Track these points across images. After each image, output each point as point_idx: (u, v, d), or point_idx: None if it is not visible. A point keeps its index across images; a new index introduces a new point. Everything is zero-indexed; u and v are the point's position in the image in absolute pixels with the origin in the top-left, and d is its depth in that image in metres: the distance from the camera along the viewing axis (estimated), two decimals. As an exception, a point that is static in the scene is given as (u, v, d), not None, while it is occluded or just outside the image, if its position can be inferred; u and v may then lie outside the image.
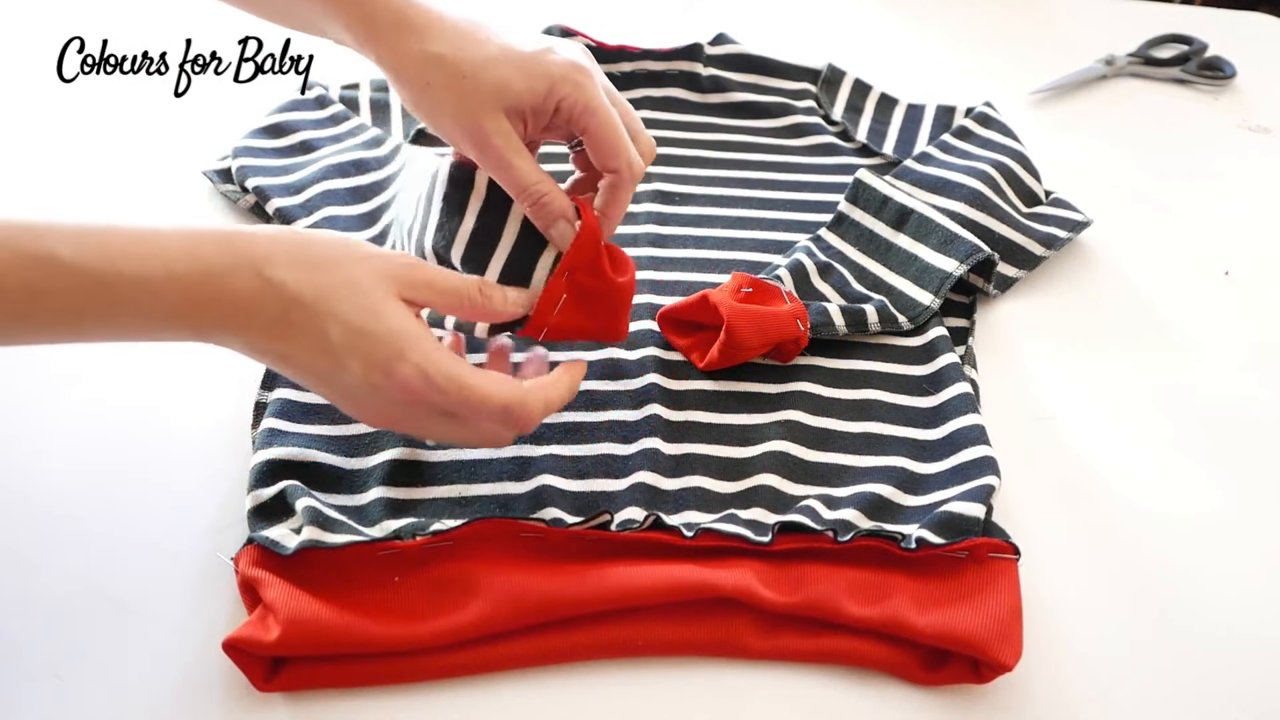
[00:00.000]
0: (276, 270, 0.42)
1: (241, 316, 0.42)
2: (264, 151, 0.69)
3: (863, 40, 0.95)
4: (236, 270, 0.41)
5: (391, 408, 0.45)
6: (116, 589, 0.47)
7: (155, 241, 0.41)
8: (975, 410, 0.55)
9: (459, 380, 0.44)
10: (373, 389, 0.44)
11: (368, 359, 0.43)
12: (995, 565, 0.47)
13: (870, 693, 0.46)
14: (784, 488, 0.52)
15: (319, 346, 0.43)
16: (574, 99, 0.49)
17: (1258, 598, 0.51)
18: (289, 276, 0.42)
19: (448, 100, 0.48)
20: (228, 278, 0.41)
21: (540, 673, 0.45)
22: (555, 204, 0.49)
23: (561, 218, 0.50)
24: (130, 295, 0.40)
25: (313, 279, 0.42)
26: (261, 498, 0.48)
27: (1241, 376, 0.63)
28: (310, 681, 0.44)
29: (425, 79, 0.48)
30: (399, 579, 0.46)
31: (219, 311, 0.42)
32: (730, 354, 0.56)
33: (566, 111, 0.49)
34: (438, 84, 0.48)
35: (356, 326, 0.43)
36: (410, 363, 0.43)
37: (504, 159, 0.48)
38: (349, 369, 0.43)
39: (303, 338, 0.43)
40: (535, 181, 0.49)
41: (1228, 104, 0.90)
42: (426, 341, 0.44)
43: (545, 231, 0.50)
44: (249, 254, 0.42)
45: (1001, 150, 0.72)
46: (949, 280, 0.61)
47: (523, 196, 0.49)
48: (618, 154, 0.50)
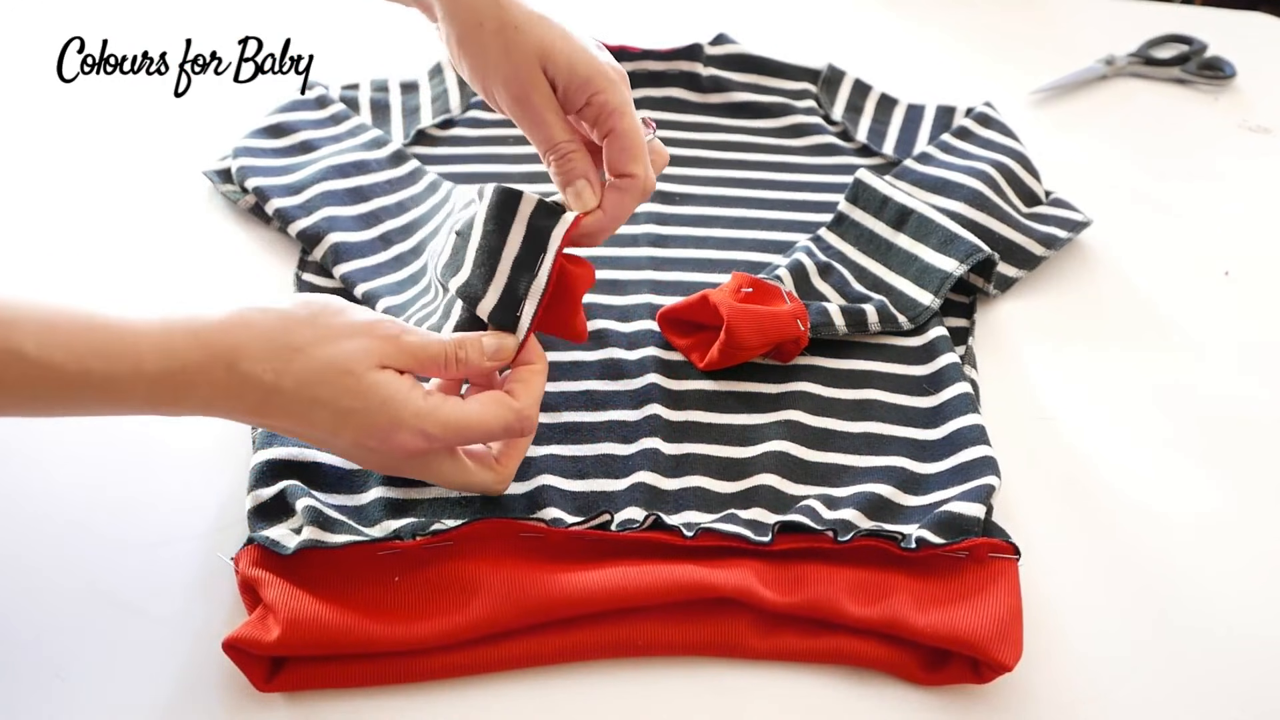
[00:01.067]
0: (252, 365, 0.41)
1: (218, 406, 0.42)
2: (264, 151, 0.69)
3: (863, 40, 0.95)
4: (209, 367, 0.41)
5: (394, 463, 0.46)
6: (116, 589, 0.47)
7: (126, 339, 0.40)
8: (975, 410, 0.55)
9: (456, 424, 0.44)
10: (370, 451, 0.45)
11: (360, 431, 0.43)
12: (995, 565, 0.47)
13: (870, 693, 0.46)
14: (784, 488, 0.52)
15: (306, 426, 0.43)
16: (608, 97, 0.50)
17: (1258, 597, 0.51)
18: (264, 369, 0.41)
19: (496, 45, 0.49)
20: (200, 375, 0.41)
21: (540, 673, 0.45)
22: (580, 163, 0.50)
23: (583, 177, 0.51)
24: (98, 393, 0.39)
25: (290, 369, 0.42)
26: (261, 498, 0.48)
27: (1241, 376, 0.63)
28: (310, 682, 0.44)
29: (479, 18, 0.49)
30: (399, 579, 0.46)
31: (194, 403, 0.42)
32: (730, 354, 0.56)
33: (598, 107, 0.50)
34: (490, 26, 0.48)
35: (344, 409, 0.43)
36: (406, 428, 0.43)
37: (541, 114, 0.50)
38: (343, 439, 0.44)
39: (288, 419, 0.43)
40: (566, 139, 0.50)
41: (1228, 104, 0.90)
42: (417, 401, 0.44)
43: (564, 188, 0.51)
44: (222, 348, 0.41)
45: (1001, 150, 0.72)
46: (949, 280, 0.61)
47: (552, 151, 0.50)
48: (638, 159, 0.51)
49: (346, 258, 0.62)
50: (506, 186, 0.50)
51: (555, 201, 0.51)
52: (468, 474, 0.47)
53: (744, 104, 0.80)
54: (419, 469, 0.47)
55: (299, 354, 0.42)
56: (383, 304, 0.59)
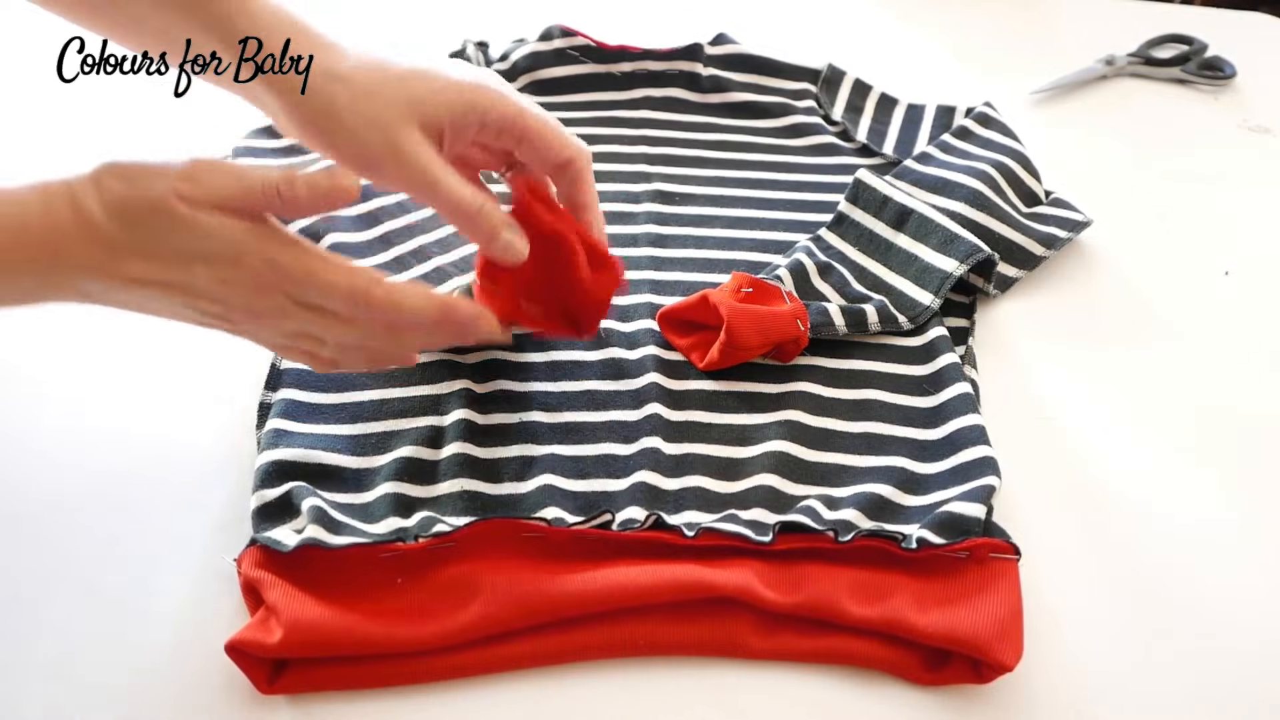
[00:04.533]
0: (90, 201, 0.41)
1: (76, 251, 0.41)
2: (264, 151, 0.69)
3: (863, 40, 0.95)
4: (53, 206, 0.40)
5: (253, 300, 0.43)
6: (118, 589, 0.47)
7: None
8: (975, 410, 0.55)
9: (305, 263, 0.43)
10: (227, 285, 0.42)
11: (211, 261, 0.42)
12: (996, 565, 0.47)
13: (870, 693, 0.46)
14: (784, 488, 0.52)
15: (161, 264, 0.42)
16: (501, 108, 0.47)
17: (1258, 596, 0.51)
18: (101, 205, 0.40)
19: (353, 121, 0.44)
20: (48, 217, 0.40)
21: (541, 673, 0.45)
22: (497, 214, 0.47)
23: (505, 226, 0.48)
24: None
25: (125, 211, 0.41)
26: (266, 498, 0.48)
27: (1241, 376, 0.63)
28: (313, 684, 0.44)
29: (326, 100, 0.44)
30: (401, 580, 0.46)
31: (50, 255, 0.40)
32: (730, 354, 0.56)
33: (496, 122, 0.47)
34: (342, 103, 0.44)
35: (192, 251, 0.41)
36: (256, 255, 0.42)
37: (429, 175, 0.45)
38: (198, 275, 0.42)
39: (143, 262, 0.41)
40: (470, 195, 0.46)
41: (1228, 104, 0.90)
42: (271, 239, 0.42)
43: (490, 245, 0.47)
44: (63, 187, 0.41)
45: (1001, 150, 0.72)
46: (949, 280, 0.61)
47: (458, 213, 0.46)
48: (565, 143, 0.50)
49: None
50: None
51: None
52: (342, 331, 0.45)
53: (744, 104, 0.80)
54: (291, 317, 0.44)
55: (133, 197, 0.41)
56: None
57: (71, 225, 0.41)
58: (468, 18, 0.92)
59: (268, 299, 0.44)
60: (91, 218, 0.41)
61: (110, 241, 0.41)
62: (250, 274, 0.42)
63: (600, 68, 0.81)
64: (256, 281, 0.43)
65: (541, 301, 0.51)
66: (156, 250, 0.42)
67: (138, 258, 0.42)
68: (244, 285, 0.43)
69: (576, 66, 0.80)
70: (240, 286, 0.43)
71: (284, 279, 0.43)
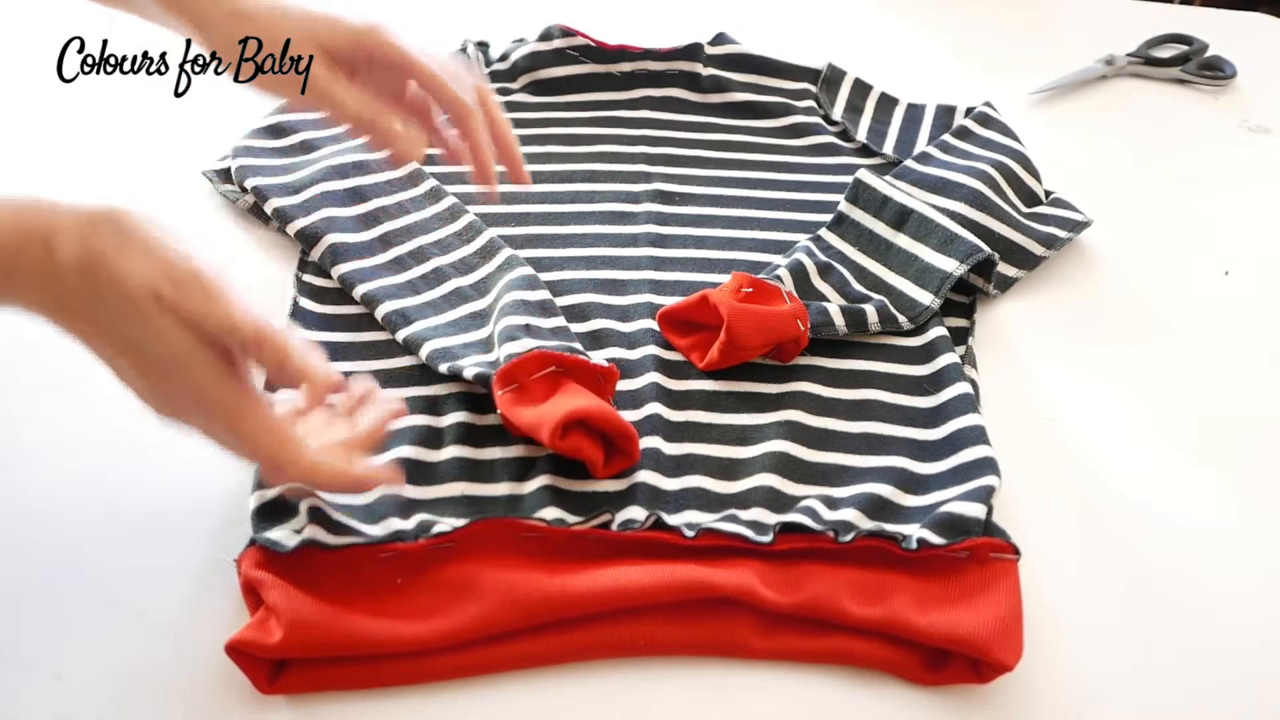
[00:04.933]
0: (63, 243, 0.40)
1: (27, 286, 0.40)
2: (264, 151, 0.69)
3: (863, 40, 0.95)
4: (28, 237, 0.40)
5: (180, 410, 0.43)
6: (117, 589, 0.47)
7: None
8: (975, 410, 0.55)
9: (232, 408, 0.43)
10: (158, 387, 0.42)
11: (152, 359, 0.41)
12: (996, 565, 0.47)
13: (870, 693, 0.46)
14: (784, 488, 0.52)
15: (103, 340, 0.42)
16: (387, 47, 0.51)
17: (1258, 596, 0.51)
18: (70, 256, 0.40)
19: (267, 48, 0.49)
20: (15, 238, 0.40)
21: (541, 673, 0.45)
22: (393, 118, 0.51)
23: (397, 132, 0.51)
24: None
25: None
26: (265, 498, 0.48)
27: (1241, 376, 0.63)
28: (313, 684, 0.44)
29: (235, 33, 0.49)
30: (401, 580, 0.46)
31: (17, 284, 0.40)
32: (730, 354, 0.56)
33: (384, 59, 0.51)
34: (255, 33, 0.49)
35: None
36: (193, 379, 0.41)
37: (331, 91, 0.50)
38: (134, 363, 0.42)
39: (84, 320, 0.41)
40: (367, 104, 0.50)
41: (1228, 104, 0.90)
42: None
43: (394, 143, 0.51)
44: (48, 218, 0.40)
45: (1001, 150, 0.72)
46: (949, 280, 0.61)
47: (360, 121, 0.50)
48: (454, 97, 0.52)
49: (344, 258, 0.62)
50: None
51: None
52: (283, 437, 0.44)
53: (744, 104, 0.80)
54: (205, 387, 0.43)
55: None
56: (382, 308, 0.59)
57: (36, 261, 0.40)
58: (468, 18, 0.93)
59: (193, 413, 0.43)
60: (58, 265, 0.40)
61: (63, 296, 0.41)
62: (182, 389, 0.42)
63: (600, 68, 0.81)
64: (188, 397, 0.43)
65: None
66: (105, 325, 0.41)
67: (84, 321, 0.41)
68: (175, 395, 0.43)
69: (576, 66, 0.81)
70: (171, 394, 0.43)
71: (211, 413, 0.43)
